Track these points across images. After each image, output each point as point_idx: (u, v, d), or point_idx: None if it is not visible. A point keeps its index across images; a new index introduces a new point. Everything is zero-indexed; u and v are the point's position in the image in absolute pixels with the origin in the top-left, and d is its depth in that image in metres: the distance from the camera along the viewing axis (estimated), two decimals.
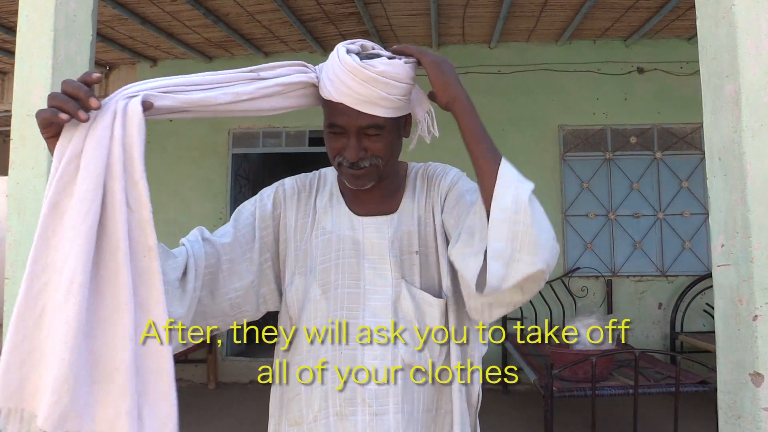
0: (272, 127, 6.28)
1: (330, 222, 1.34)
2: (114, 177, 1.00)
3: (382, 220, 1.33)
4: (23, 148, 1.97)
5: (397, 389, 1.24)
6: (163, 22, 5.26)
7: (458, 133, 1.26)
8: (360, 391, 1.24)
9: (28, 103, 1.98)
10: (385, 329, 1.26)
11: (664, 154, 5.85)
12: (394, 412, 1.24)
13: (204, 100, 1.14)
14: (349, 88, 1.17)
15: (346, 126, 1.22)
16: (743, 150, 1.57)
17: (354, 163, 1.24)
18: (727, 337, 1.65)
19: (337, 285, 1.29)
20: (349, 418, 1.23)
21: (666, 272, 5.75)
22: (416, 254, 1.32)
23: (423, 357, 1.28)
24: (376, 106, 1.19)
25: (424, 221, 1.35)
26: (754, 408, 1.52)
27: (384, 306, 1.27)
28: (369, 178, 1.27)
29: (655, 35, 5.80)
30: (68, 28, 2.02)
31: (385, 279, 1.29)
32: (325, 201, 1.37)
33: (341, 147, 1.25)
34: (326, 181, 1.42)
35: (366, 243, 1.31)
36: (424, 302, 1.29)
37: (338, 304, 1.28)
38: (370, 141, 1.24)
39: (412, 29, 5.61)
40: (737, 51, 1.60)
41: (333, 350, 1.27)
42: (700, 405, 4.27)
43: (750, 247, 1.55)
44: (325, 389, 1.26)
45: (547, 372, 3.30)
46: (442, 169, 1.40)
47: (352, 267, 1.30)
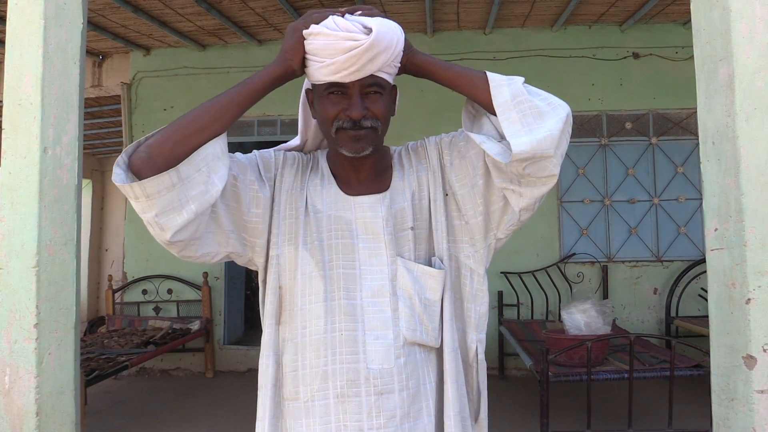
0: (267, 116, 6.26)
1: (320, 201, 1.34)
2: None
3: (374, 199, 1.33)
4: (15, 138, 1.95)
5: (400, 367, 1.25)
6: (155, 10, 5.22)
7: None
8: (363, 372, 1.24)
9: (18, 92, 1.96)
10: (384, 308, 1.27)
11: (660, 140, 5.85)
12: (399, 390, 1.24)
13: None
14: (358, 66, 1.19)
15: (350, 85, 1.23)
16: (737, 134, 1.57)
17: (356, 122, 1.24)
18: (720, 320, 1.65)
19: (332, 266, 1.29)
20: (353, 399, 1.23)
21: (661, 257, 5.77)
22: (411, 230, 1.33)
23: (425, 331, 1.29)
24: (380, 71, 1.23)
25: (418, 195, 1.36)
26: (747, 390, 1.53)
27: (382, 285, 1.28)
28: (368, 141, 1.27)
29: (651, 20, 5.78)
30: (58, 16, 2.00)
31: (380, 258, 1.29)
32: (317, 180, 1.37)
33: (341, 109, 1.25)
34: (317, 162, 1.42)
35: (359, 223, 1.31)
36: (423, 275, 1.30)
37: (335, 284, 1.28)
38: (370, 101, 1.26)
39: (406, 15, 5.58)
40: (731, 35, 1.59)
41: (332, 331, 1.26)
42: (695, 389, 4.30)
43: (743, 231, 1.55)
44: (324, 370, 1.25)
45: (543, 357, 3.31)
46: (421, 141, 1.44)
47: (346, 247, 1.30)
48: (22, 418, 1.87)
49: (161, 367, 6.16)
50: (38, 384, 1.89)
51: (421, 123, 5.94)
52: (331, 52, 1.19)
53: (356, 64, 1.19)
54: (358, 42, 1.17)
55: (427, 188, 1.37)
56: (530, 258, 5.82)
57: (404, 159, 1.42)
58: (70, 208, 2.02)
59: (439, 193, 1.36)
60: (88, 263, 10.51)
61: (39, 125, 1.94)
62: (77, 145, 2.04)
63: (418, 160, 1.40)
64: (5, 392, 1.90)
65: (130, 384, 5.80)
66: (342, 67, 1.19)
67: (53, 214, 1.96)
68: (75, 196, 2.03)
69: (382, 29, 1.19)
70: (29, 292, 1.90)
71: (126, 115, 6.30)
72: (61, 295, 1.97)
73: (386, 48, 1.20)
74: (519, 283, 5.76)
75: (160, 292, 6.13)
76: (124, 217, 7.61)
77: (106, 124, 8.58)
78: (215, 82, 6.21)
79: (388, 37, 1.20)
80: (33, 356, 1.89)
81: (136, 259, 6.25)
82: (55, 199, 1.97)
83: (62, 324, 1.97)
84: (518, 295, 5.73)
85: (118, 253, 10.52)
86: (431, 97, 5.93)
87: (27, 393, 1.88)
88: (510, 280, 5.75)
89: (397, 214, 1.33)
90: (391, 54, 1.22)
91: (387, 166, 1.40)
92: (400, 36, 1.24)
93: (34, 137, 1.94)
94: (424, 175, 1.38)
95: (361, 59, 1.18)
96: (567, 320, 3.77)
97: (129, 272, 6.27)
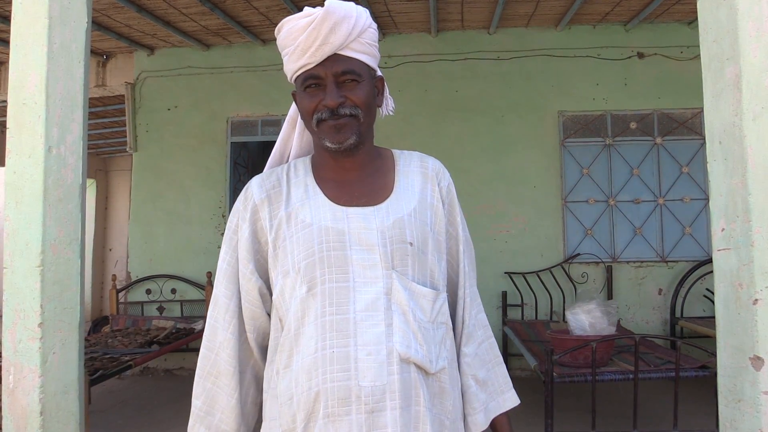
0: (271, 116, 6.26)
1: (309, 214, 1.28)
2: None
3: (368, 211, 1.28)
4: (20, 137, 1.95)
5: (393, 384, 1.17)
6: (159, 9, 5.23)
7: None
8: (355, 390, 1.16)
9: (23, 91, 1.96)
10: (378, 321, 1.20)
11: (665, 140, 5.83)
12: (391, 408, 1.17)
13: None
14: (321, 39, 1.22)
15: (323, 74, 1.25)
16: (744, 133, 1.56)
17: (334, 110, 1.24)
18: (727, 321, 1.64)
19: (324, 280, 1.22)
20: (344, 418, 1.16)
21: (666, 258, 5.75)
22: (410, 245, 1.26)
23: (419, 349, 1.21)
24: (346, 48, 1.25)
25: (421, 212, 1.32)
26: (754, 392, 1.52)
27: (376, 298, 1.21)
28: (350, 130, 1.26)
29: (655, 20, 5.76)
30: (63, 16, 2.00)
31: (375, 270, 1.23)
32: (300, 193, 1.32)
33: (319, 101, 1.26)
34: (297, 172, 1.37)
35: (352, 233, 1.25)
36: (418, 294, 1.25)
37: (326, 300, 1.21)
38: (348, 89, 1.26)
39: (411, 15, 5.57)
40: (738, 33, 1.58)
41: (323, 349, 1.19)
42: (700, 390, 4.28)
43: (750, 231, 1.54)
44: (316, 390, 1.18)
45: (548, 358, 3.30)
46: (439, 166, 1.41)
47: (338, 259, 1.23)
48: (26, 417, 1.87)
49: (165, 367, 6.17)
50: (42, 383, 1.88)
51: (425, 122, 5.94)
52: (293, 36, 1.24)
53: (318, 38, 1.21)
54: (313, 16, 1.23)
55: (432, 209, 1.34)
56: (534, 258, 5.81)
57: (413, 170, 1.37)
58: (75, 208, 2.01)
59: (441, 215, 1.36)
60: (92, 263, 10.54)
61: (43, 125, 1.94)
62: (81, 144, 2.04)
63: (429, 182, 1.37)
64: (9, 391, 1.89)
65: (133, 383, 5.81)
66: (306, 45, 1.22)
67: (57, 213, 1.96)
68: (79, 196, 2.03)
69: (335, 1, 1.24)
70: (33, 291, 1.90)
71: (130, 114, 6.30)
72: (65, 294, 1.97)
73: (345, 17, 1.23)
74: (523, 284, 5.74)
75: (163, 292, 6.14)
76: (127, 216, 7.63)
77: (110, 123, 8.60)
78: (219, 81, 6.22)
79: (344, 7, 1.24)
80: (37, 355, 1.89)
81: (139, 258, 6.26)
82: (59, 199, 1.97)
83: (66, 323, 1.97)
84: (522, 296, 5.72)
85: (122, 252, 10.54)
86: (435, 97, 5.94)
87: (31, 392, 1.88)
88: (514, 280, 5.74)
89: (395, 225, 1.26)
90: (353, 25, 1.24)
91: (387, 170, 1.36)
92: (360, 10, 1.28)
93: (39, 137, 1.94)
94: (434, 198, 1.36)
95: (321, 31, 1.21)
96: (571, 320, 3.76)
97: (133, 272, 6.28)
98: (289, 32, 1.26)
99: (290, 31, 1.25)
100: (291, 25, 1.26)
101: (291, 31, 1.25)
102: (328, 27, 1.21)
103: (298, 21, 1.24)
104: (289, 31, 1.26)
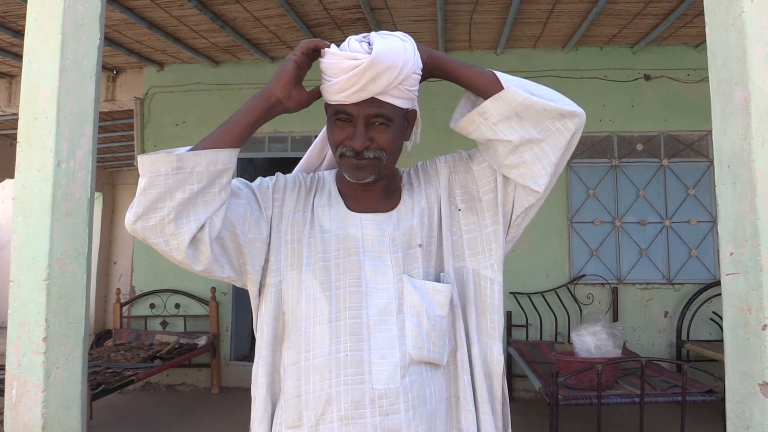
0: (278, 132, 6.29)
1: (328, 221, 1.33)
2: None
3: (381, 217, 1.33)
4: (30, 151, 1.96)
5: (406, 386, 1.22)
6: (170, 26, 5.28)
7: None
8: (369, 393, 1.21)
9: (34, 105, 1.98)
10: (391, 326, 1.25)
11: (671, 162, 5.83)
12: (405, 410, 1.21)
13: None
14: (360, 86, 1.19)
15: (354, 113, 1.23)
16: (753, 158, 1.55)
17: (359, 152, 1.25)
18: (735, 346, 1.63)
19: (339, 285, 1.27)
20: (358, 421, 1.20)
21: (672, 280, 5.72)
22: (419, 248, 1.32)
23: (432, 349, 1.26)
24: (385, 94, 1.22)
25: (427, 212, 1.36)
26: (763, 418, 1.50)
27: (388, 303, 1.26)
28: (370, 170, 1.27)
29: (662, 42, 5.78)
30: (76, 32, 2.02)
31: (386, 276, 1.28)
32: (323, 201, 1.37)
33: (346, 136, 1.26)
34: (324, 183, 1.42)
35: (366, 239, 1.30)
36: (431, 291, 1.28)
37: (341, 304, 1.26)
38: (376, 131, 1.25)
39: (418, 35, 5.61)
40: (747, 58, 1.58)
41: (337, 352, 1.23)
42: (707, 414, 4.23)
43: (759, 256, 1.53)
44: (329, 392, 1.22)
45: (553, 380, 3.28)
46: (431, 160, 1.45)
47: (353, 265, 1.28)
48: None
49: (167, 382, 6.14)
50: (45, 398, 1.88)
51: (433, 142, 5.92)
52: (335, 71, 1.21)
53: (357, 84, 1.18)
54: (358, 61, 1.18)
55: (437, 204, 1.37)
56: (540, 279, 5.78)
57: (413, 178, 1.42)
58: (82, 222, 2.02)
59: (449, 209, 1.36)
60: (96, 276, 10.54)
61: (54, 139, 1.95)
62: (91, 159, 2.06)
63: (427, 179, 1.40)
64: (12, 406, 1.89)
65: (135, 398, 5.78)
66: (344, 86, 1.20)
67: (65, 227, 1.96)
68: (87, 210, 2.04)
69: (384, 49, 1.18)
70: (39, 305, 1.90)
71: (138, 129, 6.35)
72: (70, 308, 1.97)
73: (389, 68, 1.18)
74: (528, 304, 5.71)
75: (167, 307, 6.13)
76: None
77: (118, 138, 8.65)
78: (228, 98, 6.25)
79: (391, 57, 1.18)
80: (41, 370, 1.88)
81: (144, 272, 6.26)
82: (67, 213, 1.97)
83: (71, 338, 1.97)
84: (527, 316, 5.69)
85: (127, 266, 10.56)
86: (443, 116, 5.94)
87: (34, 407, 1.87)
88: (519, 300, 5.71)
89: (405, 231, 1.32)
90: (396, 75, 1.19)
91: (396, 187, 1.40)
92: (408, 58, 1.21)
93: (49, 151, 1.95)
94: (434, 192, 1.38)
95: (361, 79, 1.18)
96: (577, 342, 3.74)
97: (137, 286, 6.28)
98: (332, 65, 1.21)
99: (332, 65, 1.21)
100: (335, 61, 1.21)
101: (332, 66, 1.21)
102: (370, 77, 1.18)
103: (342, 60, 1.20)
104: (332, 65, 1.21)
